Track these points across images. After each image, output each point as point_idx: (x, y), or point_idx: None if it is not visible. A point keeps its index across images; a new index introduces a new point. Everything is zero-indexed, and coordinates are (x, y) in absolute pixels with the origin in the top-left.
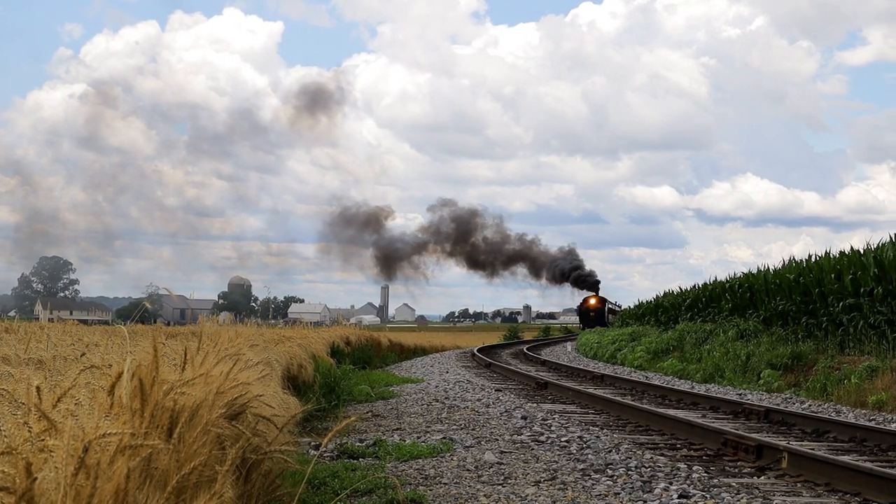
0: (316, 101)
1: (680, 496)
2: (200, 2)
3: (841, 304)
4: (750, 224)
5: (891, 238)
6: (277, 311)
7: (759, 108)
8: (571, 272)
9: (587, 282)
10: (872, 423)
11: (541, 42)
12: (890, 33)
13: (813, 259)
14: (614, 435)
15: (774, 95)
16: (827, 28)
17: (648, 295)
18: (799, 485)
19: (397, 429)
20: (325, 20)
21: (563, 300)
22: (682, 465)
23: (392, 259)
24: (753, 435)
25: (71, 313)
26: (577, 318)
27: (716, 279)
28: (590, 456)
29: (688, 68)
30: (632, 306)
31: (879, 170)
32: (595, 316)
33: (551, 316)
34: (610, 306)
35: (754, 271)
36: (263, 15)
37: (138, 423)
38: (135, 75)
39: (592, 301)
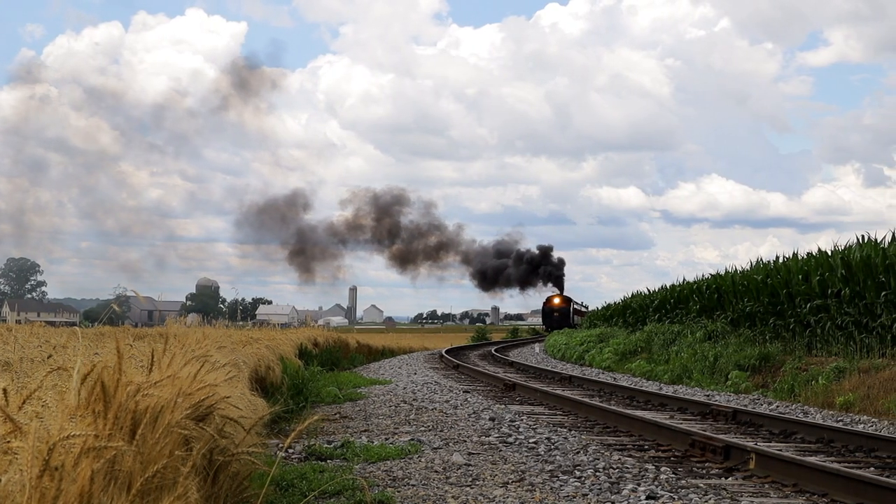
0: (245, 82)
1: (648, 497)
2: (163, 2)
3: (808, 305)
4: (716, 225)
5: (858, 239)
6: (245, 312)
7: (723, 109)
8: (497, 272)
9: (532, 276)
10: (840, 424)
11: (503, 43)
12: (851, 34)
13: (780, 260)
14: (582, 436)
15: (738, 96)
16: (788, 29)
17: (616, 296)
18: (766, 486)
19: (365, 430)
20: (287, 21)
21: (526, 301)
22: (649, 467)
23: (308, 255)
24: (721, 436)
25: (38, 315)
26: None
27: (684, 280)
28: (558, 457)
29: (650, 69)
30: (599, 307)
31: (844, 171)
32: (559, 316)
33: (519, 317)
34: (576, 306)
35: (721, 272)
36: (226, 16)
37: (102, 425)
38: (97, 76)
39: (556, 300)
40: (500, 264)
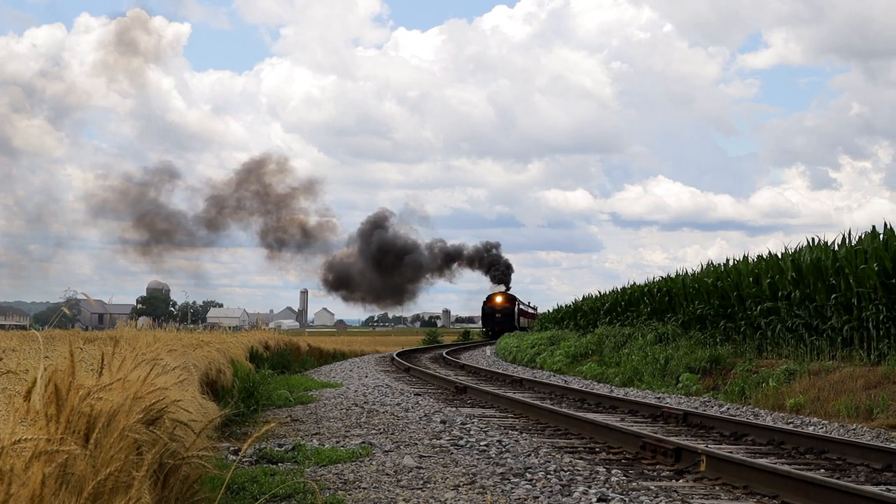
0: (125, 39)
1: (599, 500)
2: (106, 4)
3: (759, 307)
4: (665, 228)
5: (808, 242)
6: (196, 315)
7: (668, 112)
8: (344, 278)
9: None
10: (790, 426)
11: (444, 45)
12: (790, 37)
13: (731, 263)
14: (533, 439)
15: (683, 99)
16: (728, 32)
17: (566, 299)
18: (717, 487)
19: (316, 433)
20: (225, 23)
21: (470, 304)
22: (600, 469)
23: (161, 245)
24: (672, 438)
25: None
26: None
27: (634, 283)
28: (509, 460)
29: (593, 71)
30: (550, 310)
31: (791, 173)
32: (502, 318)
33: (470, 320)
34: (522, 307)
35: (671, 275)
36: (168, 17)
37: (54, 428)
38: (37, 78)
39: (499, 299)
40: (342, 268)
